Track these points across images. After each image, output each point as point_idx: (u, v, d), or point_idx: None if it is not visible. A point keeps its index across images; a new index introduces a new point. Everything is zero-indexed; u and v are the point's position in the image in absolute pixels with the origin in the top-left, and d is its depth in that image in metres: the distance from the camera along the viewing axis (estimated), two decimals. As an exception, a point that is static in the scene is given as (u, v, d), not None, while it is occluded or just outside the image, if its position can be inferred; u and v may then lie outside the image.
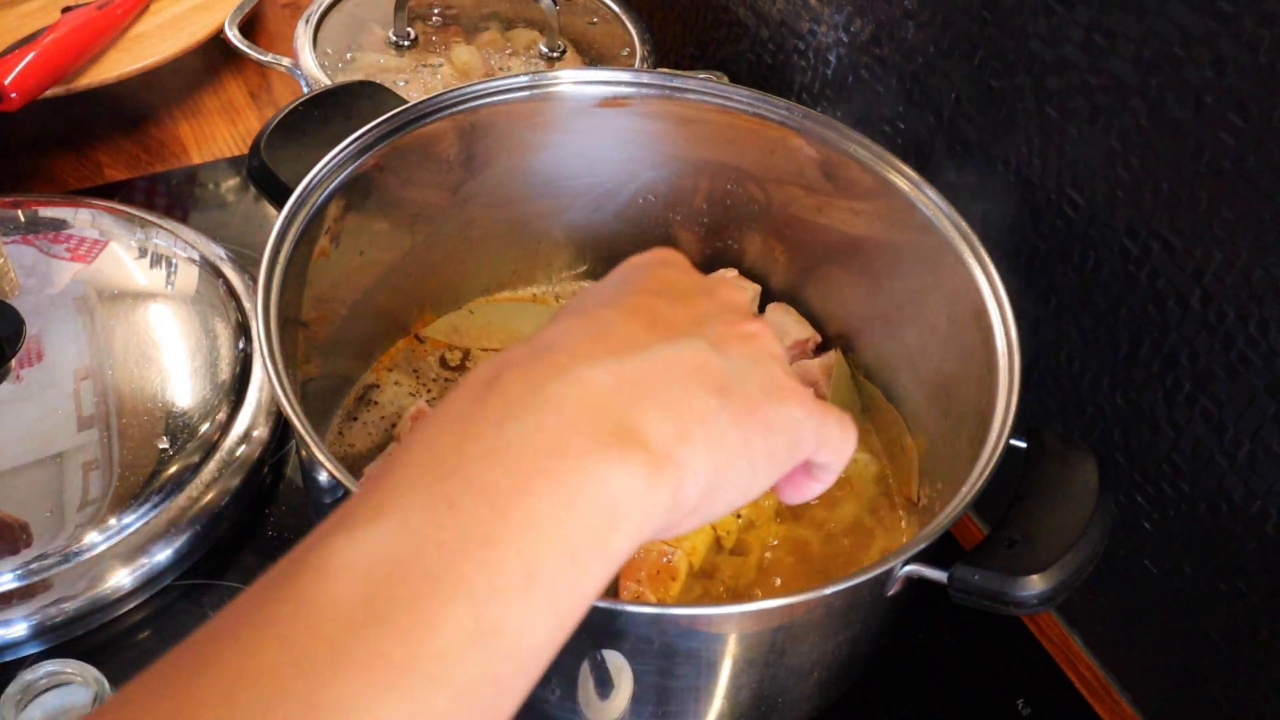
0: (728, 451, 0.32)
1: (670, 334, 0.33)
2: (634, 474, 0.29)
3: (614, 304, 0.35)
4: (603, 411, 0.30)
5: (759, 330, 0.36)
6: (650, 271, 0.38)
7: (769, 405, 0.34)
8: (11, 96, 0.87)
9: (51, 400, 0.70)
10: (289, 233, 0.60)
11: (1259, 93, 0.53)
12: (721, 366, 0.33)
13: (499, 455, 0.28)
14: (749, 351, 0.35)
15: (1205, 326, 0.59)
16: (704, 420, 0.31)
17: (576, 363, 0.30)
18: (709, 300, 0.37)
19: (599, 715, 0.55)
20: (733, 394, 0.33)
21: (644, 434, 0.30)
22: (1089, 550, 0.52)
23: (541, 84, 0.71)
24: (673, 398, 0.31)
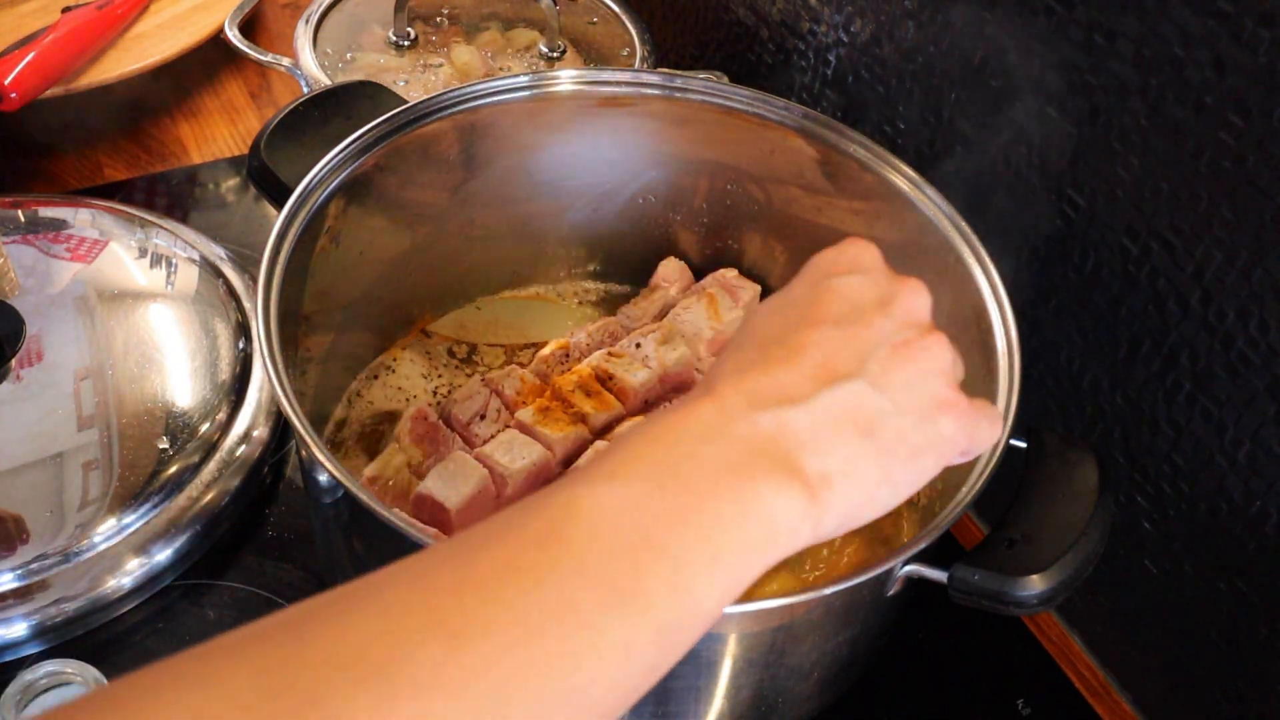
0: (866, 487, 0.38)
1: (831, 379, 0.39)
2: (792, 502, 0.36)
3: (788, 340, 0.40)
4: (771, 452, 0.36)
5: (928, 345, 0.41)
6: (830, 288, 0.42)
7: (917, 432, 0.40)
8: (11, 96, 0.87)
9: (51, 400, 0.70)
10: (289, 233, 0.60)
11: (1259, 93, 0.53)
12: (876, 406, 0.39)
13: (698, 464, 0.35)
14: (910, 376, 0.40)
15: (1205, 326, 0.59)
16: (848, 463, 0.38)
17: (754, 409, 0.37)
18: (883, 319, 0.41)
19: (599, 715, 0.55)
20: (880, 432, 0.39)
21: (801, 474, 0.36)
22: (1089, 550, 0.52)
23: (541, 84, 0.71)
24: (822, 447, 0.37)
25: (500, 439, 0.65)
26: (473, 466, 0.62)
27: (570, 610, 0.31)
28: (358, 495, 0.49)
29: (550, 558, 0.32)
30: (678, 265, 0.79)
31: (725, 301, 0.75)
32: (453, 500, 0.60)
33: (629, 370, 0.70)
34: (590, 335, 0.75)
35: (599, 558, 0.32)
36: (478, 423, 0.67)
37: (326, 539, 0.62)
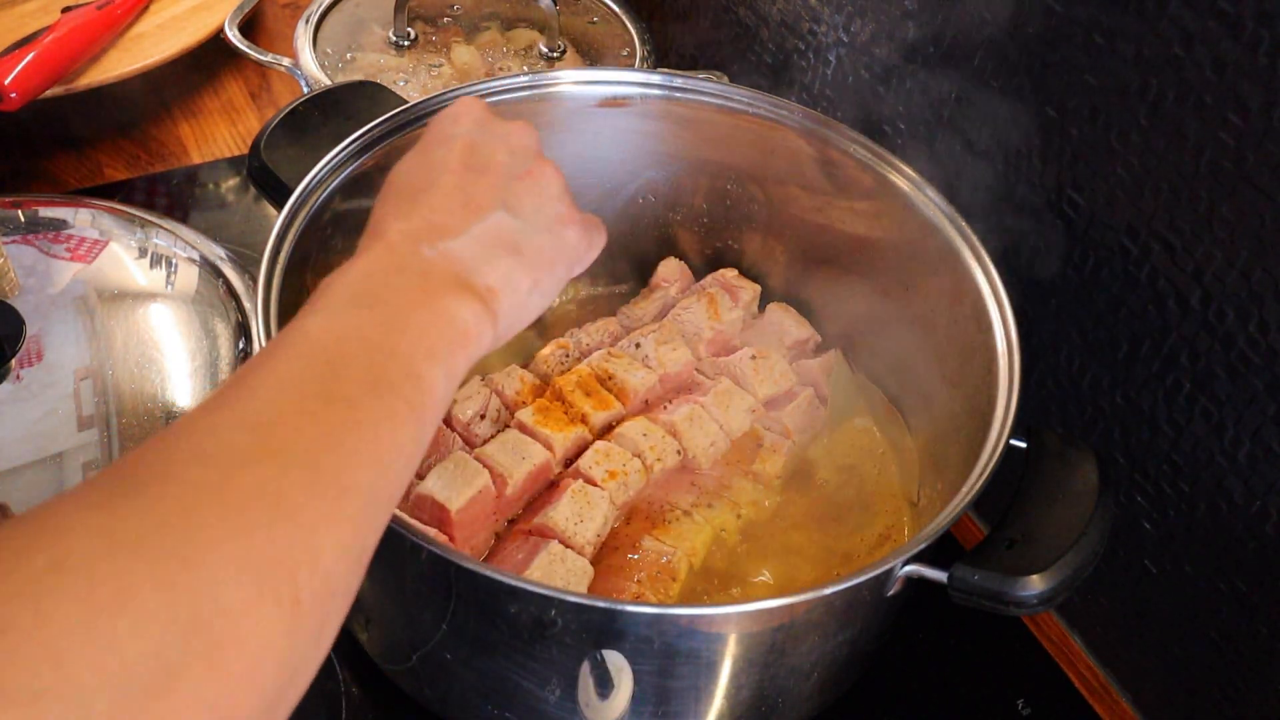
0: (522, 293, 0.47)
1: (478, 213, 0.47)
2: (472, 310, 0.45)
3: (435, 188, 0.48)
4: (444, 275, 0.45)
5: (544, 172, 0.51)
6: (454, 144, 0.50)
7: (551, 245, 0.49)
8: (11, 96, 0.87)
9: (51, 400, 0.70)
10: (289, 233, 0.60)
11: (1259, 93, 0.53)
12: (516, 228, 0.48)
13: (394, 287, 0.44)
14: (537, 201, 0.50)
15: (1205, 326, 0.59)
16: (506, 276, 0.47)
17: (421, 245, 0.45)
18: (506, 154, 0.50)
19: (599, 715, 0.55)
20: (524, 249, 0.48)
21: (473, 287, 0.45)
22: (1089, 550, 0.52)
23: (541, 84, 0.71)
24: (483, 266, 0.46)
25: (500, 439, 0.65)
26: (473, 467, 0.62)
27: (340, 399, 0.38)
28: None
29: (312, 369, 0.39)
30: (678, 265, 0.79)
31: (725, 301, 0.75)
32: (453, 501, 0.60)
33: (629, 370, 0.70)
34: (590, 335, 0.75)
35: (346, 362, 0.40)
36: (478, 423, 0.67)
37: (326, 539, 0.62)
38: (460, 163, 0.49)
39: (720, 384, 0.70)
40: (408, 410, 0.40)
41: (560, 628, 0.50)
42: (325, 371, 0.39)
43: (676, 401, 0.70)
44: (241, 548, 0.33)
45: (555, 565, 0.59)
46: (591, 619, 0.50)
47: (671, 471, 0.68)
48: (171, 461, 0.35)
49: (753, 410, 0.70)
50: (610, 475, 0.64)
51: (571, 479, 0.64)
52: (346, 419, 0.38)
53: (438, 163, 0.50)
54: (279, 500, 0.35)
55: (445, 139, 0.51)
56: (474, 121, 0.52)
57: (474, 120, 0.52)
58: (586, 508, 0.62)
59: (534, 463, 0.64)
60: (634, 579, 0.62)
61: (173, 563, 0.31)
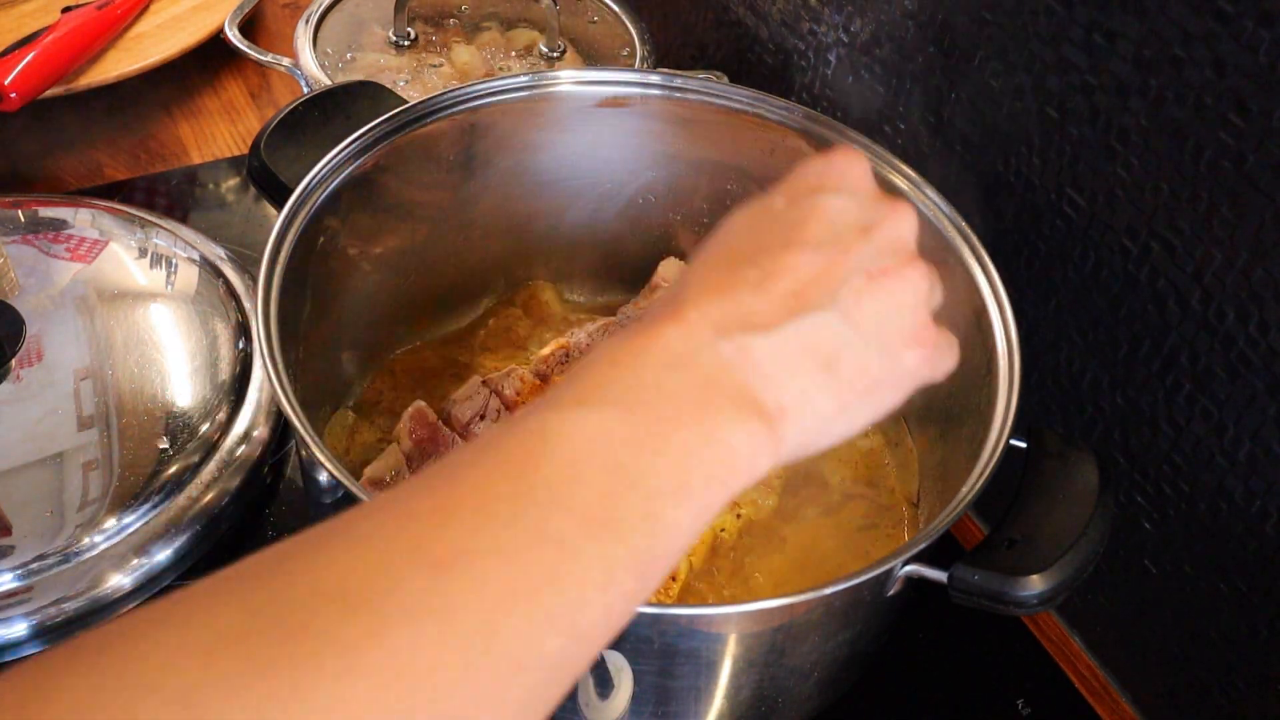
0: (822, 420, 0.38)
1: (802, 308, 0.38)
2: (749, 434, 0.36)
3: (761, 261, 0.39)
4: (731, 381, 0.36)
5: (906, 276, 0.40)
6: (813, 207, 0.41)
7: (880, 366, 0.39)
8: (11, 96, 0.87)
9: (51, 400, 0.70)
10: (289, 233, 0.60)
11: (1259, 93, 0.53)
12: (841, 338, 0.38)
13: (664, 391, 0.36)
14: (882, 308, 0.39)
15: (1205, 326, 0.59)
16: (805, 395, 0.38)
17: (718, 337, 0.37)
18: (864, 244, 0.40)
19: (599, 715, 0.55)
20: (842, 366, 0.38)
21: (760, 405, 0.36)
22: (1089, 550, 0.52)
23: (541, 84, 0.71)
24: (781, 378, 0.37)
25: (500, 439, 0.65)
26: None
27: (549, 538, 0.31)
28: (358, 495, 0.49)
29: (527, 486, 0.32)
30: (678, 265, 0.79)
31: (725, 301, 0.75)
32: (453, 500, 0.60)
33: (629, 370, 0.70)
34: (590, 335, 0.75)
35: (573, 486, 0.33)
36: (477, 423, 0.67)
37: (326, 539, 0.62)
38: (806, 236, 0.39)
39: (720, 384, 0.70)
40: (630, 562, 0.33)
41: (560, 628, 0.50)
42: (543, 496, 0.32)
43: (676, 401, 0.70)
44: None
45: (555, 565, 0.59)
46: (591, 619, 0.50)
47: (671, 471, 0.67)
48: (314, 593, 0.29)
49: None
50: (610, 475, 0.64)
51: (571, 479, 0.64)
52: (550, 571, 0.31)
53: (782, 226, 0.40)
54: (429, 672, 0.28)
55: (799, 198, 0.41)
56: (849, 185, 0.42)
57: (850, 183, 0.42)
58: (586, 508, 0.62)
59: (534, 463, 0.63)
60: (634, 579, 0.62)
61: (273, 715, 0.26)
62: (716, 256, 0.40)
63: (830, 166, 0.42)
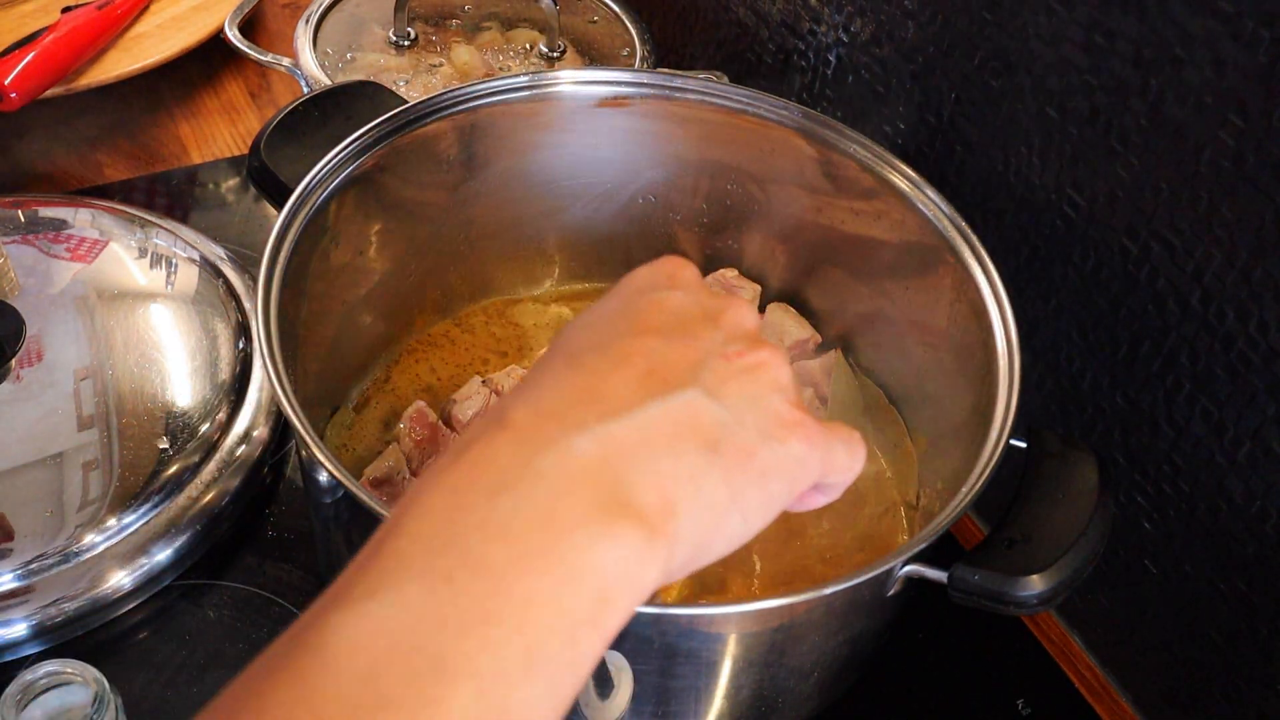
0: (717, 512, 0.32)
1: (663, 388, 0.33)
2: (626, 549, 0.29)
3: (608, 349, 0.34)
4: (592, 484, 0.30)
5: (765, 360, 0.36)
6: (651, 301, 0.37)
7: (765, 450, 0.34)
8: (11, 96, 0.87)
9: (51, 400, 0.70)
10: (289, 233, 0.60)
11: (1259, 93, 0.53)
12: (716, 417, 0.33)
13: (493, 529, 0.29)
14: (750, 390, 0.35)
15: (1205, 326, 0.59)
16: (693, 481, 0.32)
17: (565, 432, 0.31)
18: (711, 331, 0.36)
19: (599, 715, 0.55)
20: (725, 447, 0.33)
21: (634, 506, 0.30)
22: (1089, 550, 0.52)
23: (541, 84, 0.71)
24: (661, 465, 0.31)
25: (500, 439, 0.65)
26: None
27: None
28: (358, 495, 0.49)
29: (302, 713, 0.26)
30: (678, 265, 0.79)
31: (725, 301, 0.75)
32: (453, 500, 0.60)
33: (629, 370, 0.70)
34: (590, 335, 0.75)
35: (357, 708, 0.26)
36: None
37: (326, 539, 0.62)
38: (649, 326, 0.35)
39: (720, 384, 0.70)
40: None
41: (560, 628, 0.50)
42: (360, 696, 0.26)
43: (676, 401, 0.70)
44: None
45: (555, 565, 0.59)
46: (591, 619, 0.50)
47: (671, 471, 0.67)
48: None
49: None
50: (610, 475, 0.64)
51: (571, 479, 0.64)
52: None
53: (617, 323, 0.36)
54: None
55: (630, 299, 0.37)
56: (675, 283, 0.38)
57: (676, 282, 0.38)
58: (586, 508, 0.62)
59: (534, 463, 0.63)
60: (634, 579, 0.62)
61: None
62: (550, 360, 0.35)
63: (657, 269, 0.39)
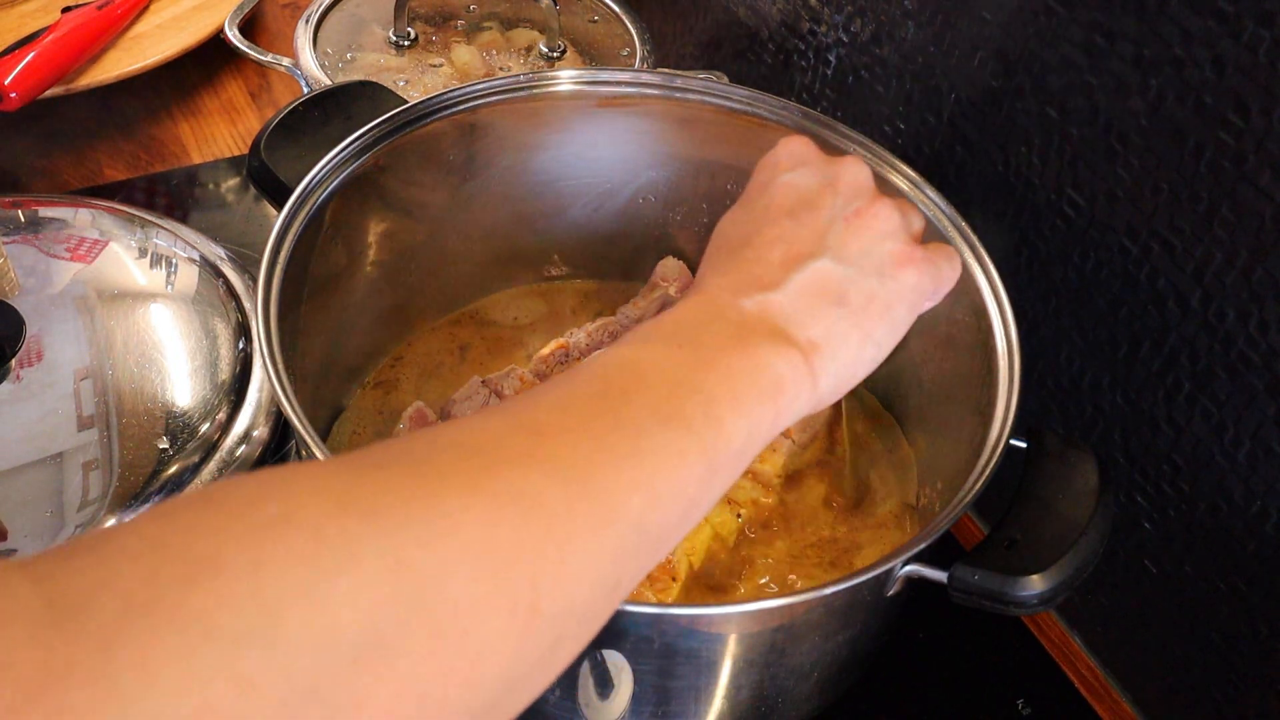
0: (851, 347, 0.44)
1: (798, 262, 0.44)
2: (791, 363, 0.42)
3: (754, 240, 0.46)
4: (765, 327, 0.42)
5: (876, 211, 0.46)
6: (780, 186, 0.47)
7: (884, 289, 0.45)
8: (11, 96, 0.87)
9: (51, 400, 0.70)
10: (289, 233, 0.60)
11: (1259, 93, 0.53)
12: (841, 275, 0.44)
13: (705, 336, 0.41)
14: (865, 242, 0.45)
15: (1205, 326, 0.59)
16: (830, 329, 0.43)
17: (738, 298, 0.43)
18: (831, 199, 0.47)
19: (599, 715, 0.55)
20: (851, 297, 0.44)
21: (793, 339, 0.42)
22: (1089, 550, 0.52)
23: (541, 84, 0.71)
24: (804, 319, 0.43)
25: (500, 439, 0.65)
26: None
27: (627, 424, 0.36)
28: (358, 495, 0.49)
29: (600, 391, 0.37)
30: (677, 265, 0.79)
31: (725, 301, 0.75)
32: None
33: (629, 370, 0.70)
34: (589, 335, 0.75)
35: (643, 392, 0.38)
36: (478, 423, 0.67)
37: (326, 539, 0.62)
38: (781, 209, 0.46)
39: (720, 384, 0.70)
40: (699, 452, 0.37)
41: (560, 628, 0.50)
42: (618, 396, 0.37)
43: (676, 401, 0.70)
44: (484, 539, 0.30)
45: (555, 565, 0.59)
46: (591, 619, 0.50)
47: (671, 471, 0.67)
48: (432, 446, 0.33)
49: (753, 410, 0.70)
50: (610, 475, 0.64)
51: (571, 479, 0.64)
52: (631, 446, 0.36)
53: (759, 213, 0.47)
54: (536, 504, 0.32)
55: (766, 186, 0.48)
56: (797, 162, 0.49)
57: (797, 160, 0.49)
58: (586, 508, 0.62)
59: (534, 463, 0.64)
60: (634, 579, 0.62)
61: (405, 537, 0.29)
62: (717, 252, 0.47)
63: (777, 153, 0.49)
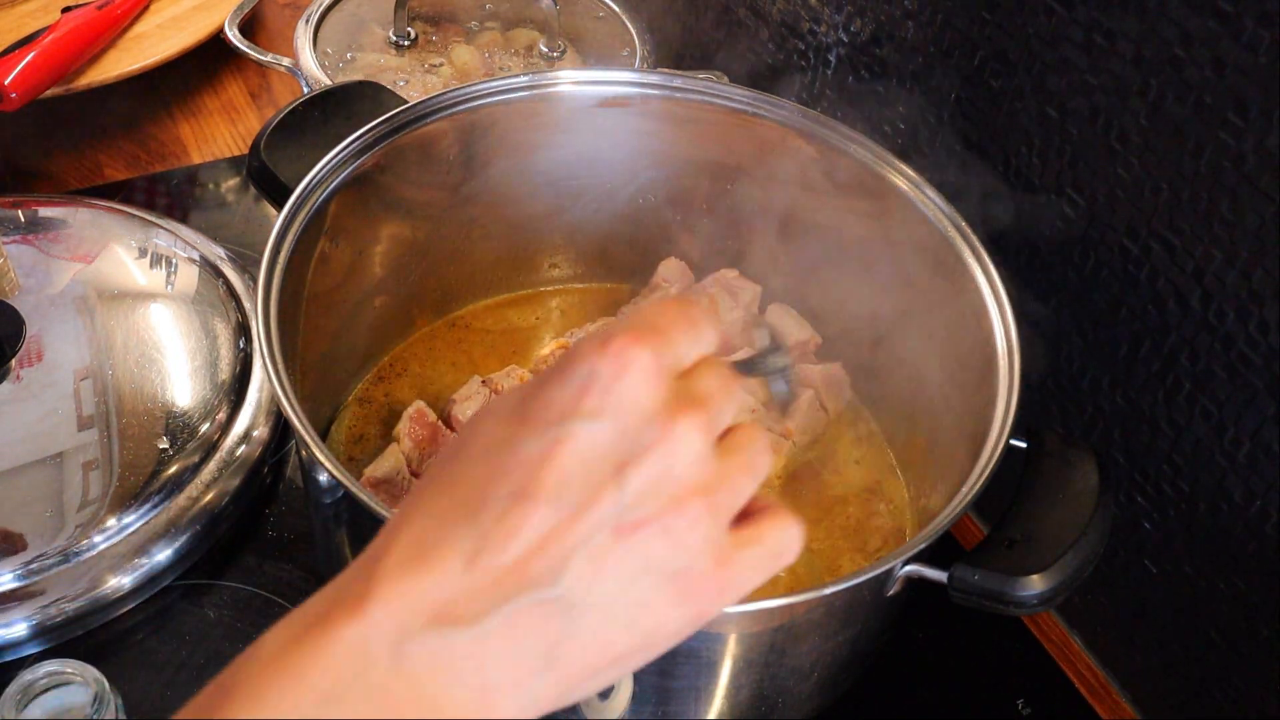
0: (542, 706, 0.33)
1: (519, 586, 0.31)
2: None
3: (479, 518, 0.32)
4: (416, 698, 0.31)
5: (670, 525, 0.32)
6: (558, 441, 0.32)
7: (628, 640, 0.33)
8: (11, 96, 0.87)
9: (51, 400, 0.70)
10: (289, 233, 0.60)
11: (1259, 93, 0.53)
12: (564, 624, 0.32)
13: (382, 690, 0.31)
14: (630, 570, 0.32)
15: (1205, 326, 0.59)
16: (517, 689, 0.32)
17: (402, 638, 0.31)
18: (614, 489, 0.32)
19: (599, 715, 0.55)
20: (565, 656, 0.32)
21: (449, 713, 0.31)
22: (1089, 550, 0.52)
23: (541, 84, 0.71)
24: (488, 676, 0.32)
25: (500, 439, 0.65)
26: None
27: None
28: (358, 495, 0.49)
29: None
30: (678, 265, 0.79)
31: (726, 302, 0.75)
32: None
33: (629, 370, 0.70)
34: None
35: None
36: (478, 423, 0.67)
37: (326, 539, 0.62)
38: (548, 479, 0.32)
39: (720, 384, 0.70)
40: None
41: (560, 628, 0.50)
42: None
43: (676, 401, 0.70)
44: None
45: (555, 565, 0.59)
46: (591, 619, 0.50)
47: (671, 471, 0.67)
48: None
49: (753, 411, 0.70)
50: (610, 475, 0.64)
51: (571, 479, 0.64)
52: None
53: (519, 462, 0.32)
54: None
55: (553, 420, 0.32)
56: (615, 400, 0.32)
57: (616, 398, 0.32)
58: (586, 508, 0.62)
59: (534, 463, 0.63)
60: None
61: None
62: (437, 493, 0.33)
63: (595, 376, 0.33)
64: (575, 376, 0.33)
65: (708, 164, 0.75)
